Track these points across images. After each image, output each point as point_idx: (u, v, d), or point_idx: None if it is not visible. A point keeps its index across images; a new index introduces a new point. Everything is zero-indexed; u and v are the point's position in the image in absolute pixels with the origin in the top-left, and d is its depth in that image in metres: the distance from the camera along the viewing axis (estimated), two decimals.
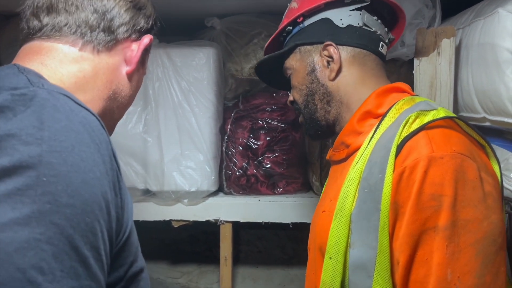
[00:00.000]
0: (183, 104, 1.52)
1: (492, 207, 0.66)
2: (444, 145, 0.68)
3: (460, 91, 1.20)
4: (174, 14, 1.63)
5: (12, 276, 0.35)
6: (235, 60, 1.62)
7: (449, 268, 0.63)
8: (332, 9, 0.89)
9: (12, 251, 0.36)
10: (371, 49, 0.88)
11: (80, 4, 0.64)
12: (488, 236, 0.64)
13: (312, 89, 0.91)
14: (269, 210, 1.60)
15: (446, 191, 0.64)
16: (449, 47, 1.16)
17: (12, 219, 0.36)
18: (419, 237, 0.65)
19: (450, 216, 0.64)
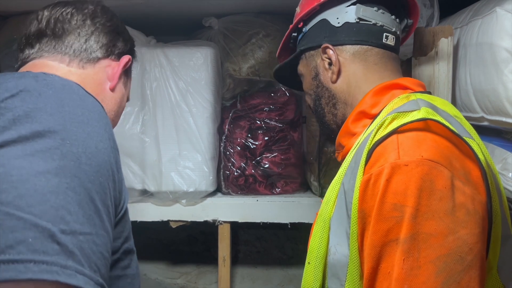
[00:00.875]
0: (181, 104, 1.52)
1: (462, 220, 0.59)
2: (412, 151, 0.62)
3: (458, 90, 1.20)
4: (172, 14, 1.63)
5: (48, 211, 0.44)
6: (233, 60, 1.62)
7: (405, 284, 0.58)
8: (328, 9, 0.87)
9: (47, 192, 0.44)
10: (372, 43, 0.84)
11: (67, 29, 0.75)
12: (453, 253, 0.58)
13: (318, 93, 0.90)
14: (267, 210, 1.60)
15: (408, 201, 0.59)
16: (447, 47, 1.16)
17: (46, 169, 0.46)
18: (381, 249, 0.61)
19: (411, 228, 0.59)
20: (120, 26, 0.85)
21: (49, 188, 0.45)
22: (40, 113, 0.50)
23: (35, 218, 0.43)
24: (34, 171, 0.45)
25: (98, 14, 0.80)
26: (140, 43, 1.52)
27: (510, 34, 0.93)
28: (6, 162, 0.45)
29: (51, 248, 0.42)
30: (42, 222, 0.43)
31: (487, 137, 1.18)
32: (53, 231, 0.43)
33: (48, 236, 0.43)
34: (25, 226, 0.42)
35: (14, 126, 0.47)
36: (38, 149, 0.47)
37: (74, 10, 0.77)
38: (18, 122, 0.48)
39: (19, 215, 0.42)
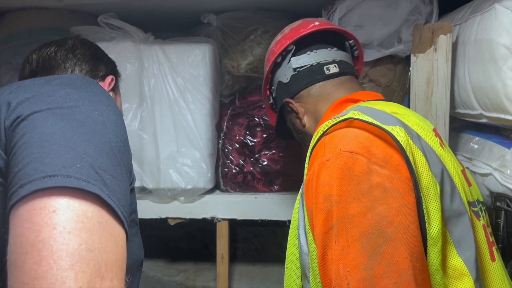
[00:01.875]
0: (179, 101, 1.51)
1: (378, 198, 0.65)
2: (332, 147, 0.71)
3: (457, 87, 1.19)
4: (170, 10, 1.62)
5: (88, 151, 0.54)
6: (231, 57, 1.61)
7: (340, 263, 0.64)
8: (276, 72, 1.04)
9: (86, 140, 0.56)
10: (317, 80, 0.98)
11: (53, 65, 0.88)
12: (373, 228, 0.63)
13: (301, 139, 1.05)
14: (265, 207, 1.60)
15: (332, 190, 0.67)
16: (445, 43, 1.15)
17: (82, 125, 0.57)
18: (324, 238, 0.67)
19: (337, 213, 0.66)
20: (99, 52, 0.97)
21: (87, 137, 0.56)
22: (75, 95, 0.62)
23: (80, 153, 0.54)
24: (75, 126, 0.56)
25: (78, 46, 0.92)
26: (138, 39, 1.51)
27: (509, 31, 0.93)
28: (56, 118, 0.56)
29: (93, 175, 0.53)
30: (85, 157, 0.54)
31: (485, 134, 1.18)
32: (93, 164, 0.54)
33: (90, 166, 0.53)
34: (74, 156, 0.53)
35: (60, 99, 0.60)
36: (77, 114, 0.58)
37: (56, 48, 0.90)
38: (61, 99, 0.60)
39: (71, 147, 0.54)
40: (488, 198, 1.11)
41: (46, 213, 0.48)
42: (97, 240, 0.50)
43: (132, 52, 1.50)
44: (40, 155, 0.52)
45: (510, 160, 1.01)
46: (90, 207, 0.51)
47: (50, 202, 0.49)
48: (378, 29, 1.38)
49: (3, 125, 0.56)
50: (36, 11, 1.58)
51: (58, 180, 0.50)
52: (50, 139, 0.54)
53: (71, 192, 0.50)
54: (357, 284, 0.61)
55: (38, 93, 0.60)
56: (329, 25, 1.04)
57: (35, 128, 0.55)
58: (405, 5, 1.36)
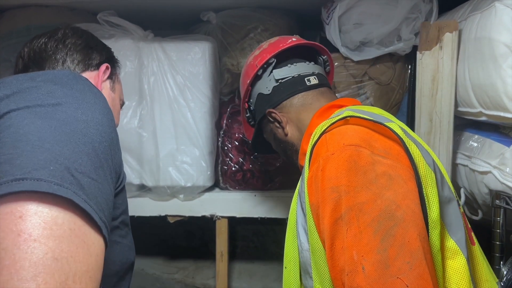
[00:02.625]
0: (179, 99, 1.51)
1: (385, 185, 0.69)
2: (335, 143, 0.75)
3: (457, 86, 1.20)
4: (170, 8, 1.62)
5: (65, 152, 0.52)
6: (231, 55, 1.61)
7: (354, 250, 0.66)
8: (256, 84, 1.09)
9: (65, 140, 0.53)
10: (299, 90, 1.02)
11: (44, 57, 0.84)
12: (383, 213, 0.67)
13: (282, 148, 1.08)
14: (265, 205, 1.60)
15: (340, 181, 0.70)
16: (451, 41, 1.15)
17: (63, 125, 0.55)
18: (332, 229, 0.69)
19: (347, 202, 0.68)
20: (92, 40, 0.92)
21: (66, 137, 0.53)
22: (59, 92, 0.60)
23: (56, 155, 0.51)
24: (54, 125, 0.54)
25: (68, 36, 0.88)
26: (137, 37, 1.51)
27: (509, 29, 0.93)
28: (33, 116, 0.54)
29: (67, 178, 0.50)
30: (60, 158, 0.51)
31: (485, 132, 1.18)
32: (69, 166, 0.51)
33: (65, 168, 0.51)
34: (48, 157, 0.50)
35: (41, 97, 0.57)
36: (58, 112, 0.56)
37: (47, 39, 0.86)
38: (42, 96, 0.58)
39: (46, 148, 0.51)
40: (487, 196, 1.11)
41: (12, 219, 0.45)
42: (66, 248, 0.47)
43: (132, 50, 1.49)
44: (12, 156, 0.49)
45: (510, 158, 1.01)
46: (61, 213, 0.48)
47: (17, 207, 0.46)
48: (378, 27, 1.38)
49: None
50: (35, 9, 1.58)
51: (27, 183, 0.47)
52: (24, 139, 0.51)
53: (41, 197, 0.47)
54: (372, 267, 0.64)
55: (19, 90, 0.58)
56: (305, 41, 1.10)
57: (10, 127, 0.52)
58: (405, 3, 1.36)
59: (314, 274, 0.76)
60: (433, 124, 1.23)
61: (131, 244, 0.80)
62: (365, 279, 0.63)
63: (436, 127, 1.23)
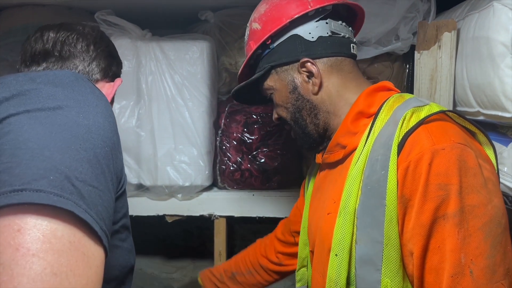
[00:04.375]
0: (177, 98, 1.51)
1: (493, 191, 0.69)
2: (443, 137, 0.71)
3: (455, 85, 1.20)
4: (167, 7, 1.62)
5: (65, 160, 0.51)
6: (229, 54, 1.61)
7: (462, 252, 0.65)
8: (298, 25, 0.92)
9: (65, 147, 0.52)
10: (345, 54, 0.92)
11: (73, 52, 0.82)
12: (494, 219, 0.67)
13: (298, 106, 0.94)
14: (263, 204, 1.60)
15: (451, 180, 0.67)
16: (450, 41, 1.15)
17: (63, 131, 0.54)
18: (430, 227, 0.68)
19: (458, 203, 0.66)
20: (114, 50, 0.94)
21: (67, 144, 0.52)
22: (60, 95, 0.58)
23: (56, 163, 0.50)
24: (54, 131, 0.53)
25: (98, 41, 0.88)
26: (135, 36, 1.51)
27: (507, 29, 0.93)
28: (33, 122, 0.53)
29: (67, 188, 0.49)
30: (61, 167, 0.50)
31: None
32: (69, 175, 0.50)
33: (65, 178, 0.49)
34: (48, 166, 0.49)
35: (41, 100, 0.56)
36: (58, 116, 0.55)
37: (78, 35, 0.85)
38: (43, 99, 0.56)
39: (46, 156, 0.50)
40: None
41: (10, 232, 0.44)
42: (65, 262, 0.46)
43: (129, 49, 1.49)
44: (10, 165, 0.48)
45: (507, 157, 1.02)
46: (61, 226, 0.47)
47: (15, 220, 0.45)
48: (376, 26, 1.38)
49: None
50: (33, 8, 1.57)
51: (26, 195, 0.46)
52: (23, 147, 0.49)
53: (40, 209, 0.46)
54: (481, 272, 0.65)
55: (18, 92, 0.56)
56: (360, 6, 0.99)
57: (9, 134, 0.51)
58: (403, 3, 1.36)
59: (385, 268, 0.73)
60: None
61: (131, 247, 0.79)
62: (473, 283, 0.64)
63: None
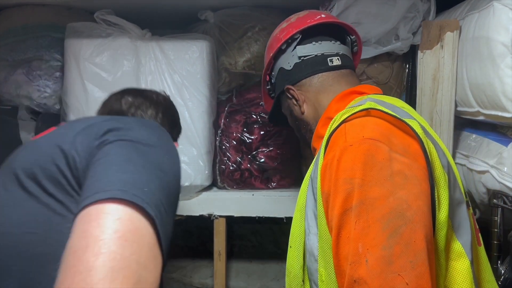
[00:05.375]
0: (176, 98, 1.51)
1: (399, 184, 0.69)
2: (355, 134, 0.75)
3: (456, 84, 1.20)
4: (167, 6, 1.62)
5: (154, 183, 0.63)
6: (228, 54, 1.61)
7: (359, 242, 0.67)
8: (279, 59, 1.07)
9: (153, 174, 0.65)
10: (320, 70, 1.00)
11: (143, 117, 0.99)
12: (394, 211, 0.67)
13: (297, 126, 1.08)
14: (263, 204, 1.60)
15: (355, 173, 0.70)
16: (452, 40, 1.15)
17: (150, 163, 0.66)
18: (340, 219, 0.71)
19: (359, 195, 0.69)
20: (178, 119, 1.12)
21: (155, 172, 0.65)
22: (153, 138, 0.72)
23: (149, 181, 0.62)
24: (149, 160, 0.66)
25: (167, 109, 1.05)
26: (135, 36, 1.51)
27: (507, 28, 0.93)
28: (134, 149, 0.66)
29: (154, 202, 0.60)
30: (151, 185, 0.62)
31: (483, 132, 1.18)
32: (156, 194, 0.61)
33: (153, 194, 0.61)
34: (144, 181, 0.61)
35: (142, 137, 0.70)
36: (151, 153, 0.68)
37: (151, 103, 1.01)
38: (141, 135, 0.70)
39: (143, 173, 0.63)
40: (484, 195, 1.11)
41: (112, 218, 0.55)
42: (144, 256, 0.55)
43: (129, 48, 1.49)
44: (118, 172, 0.61)
45: (507, 157, 1.01)
46: (146, 227, 0.58)
47: (117, 210, 0.56)
48: (376, 26, 1.38)
49: (92, 144, 0.66)
50: (32, 8, 1.57)
51: (128, 195, 0.57)
52: (128, 163, 0.63)
53: (134, 208, 0.57)
54: (376, 262, 0.65)
55: (127, 127, 0.70)
56: (334, 18, 1.06)
57: (118, 152, 0.65)
58: (403, 3, 1.36)
59: (320, 258, 0.78)
60: (433, 123, 1.23)
61: None
62: (367, 272, 0.65)
63: (437, 126, 1.23)
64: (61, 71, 1.54)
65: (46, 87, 1.54)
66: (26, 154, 0.73)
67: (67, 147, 0.67)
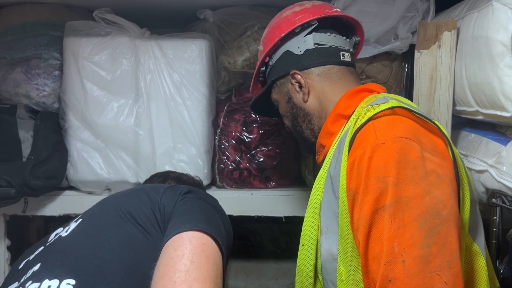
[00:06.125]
0: (175, 97, 1.51)
1: (434, 183, 0.70)
2: (386, 132, 0.74)
3: (454, 84, 1.20)
4: (166, 5, 1.62)
5: (215, 221, 0.84)
6: (228, 53, 1.61)
7: (395, 241, 0.67)
8: (288, 41, 1.03)
9: (216, 214, 0.88)
10: (332, 62, 0.99)
11: None
12: (431, 210, 0.68)
13: (294, 114, 1.05)
14: (262, 204, 1.60)
15: (389, 172, 0.70)
16: (450, 40, 1.15)
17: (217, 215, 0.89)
18: (371, 217, 0.70)
19: (394, 194, 0.69)
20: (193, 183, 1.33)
21: (219, 218, 0.86)
22: (210, 198, 0.95)
23: (217, 223, 0.83)
24: (212, 208, 0.89)
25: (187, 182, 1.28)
26: (134, 35, 1.51)
27: (506, 28, 0.93)
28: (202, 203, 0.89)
29: (222, 237, 0.79)
30: (220, 226, 0.83)
31: (481, 131, 1.18)
32: (222, 233, 0.81)
33: (221, 233, 0.80)
34: (214, 222, 0.82)
35: (203, 197, 0.93)
36: (212, 207, 0.90)
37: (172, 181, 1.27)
38: (203, 196, 0.93)
39: (214, 217, 0.84)
40: (483, 194, 1.11)
41: (199, 243, 0.74)
42: (219, 275, 0.73)
43: (128, 47, 1.49)
44: (196, 214, 0.81)
45: (506, 157, 1.02)
46: (218, 255, 0.76)
47: (203, 237, 0.75)
48: (375, 25, 1.38)
49: (176, 198, 0.87)
50: (31, 6, 1.57)
51: (209, 229, 0.77)
52: (204, 209, 0.85)
53: (213, 239, 0.76)
54: (413, 261, 0.65)
55: (197, 191, 0.93)
56: (350, 15, 1.07)
57: (194, 203, 0.86)
58: (402, 2, 1.36)
59: (340, 257, 0.78)
60: None
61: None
62: (404, 271, 0.65)
63: None
64: (60, 70, 1.54)
65: (45, 86, 1.53)
66: (128, 199, 0.91)
67: (157, 199, 0.87)
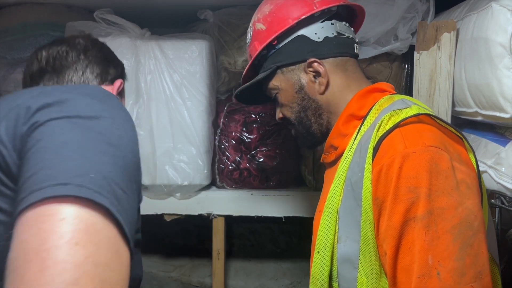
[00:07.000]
0: (176, 97, 1.51)
1: (465, 193, 0.69)
2: (416, 140, 0.72)
3: (453, 85, 1.20)
4: (167, 6, 1.62)
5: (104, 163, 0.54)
6: (228, 53, 1.61)
7: (429, 254, 0.66)
8: (304, 26, 0.93)
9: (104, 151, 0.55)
10: (349, 54, 0.94)
11: (65, 65, 0.85)
12: (464, 221, 0.67)
13: (304, 105, 0.95)
14: (261, 204, 1.60)
15: (421, 182, 0.68)
16: (449, 41, 1.16)
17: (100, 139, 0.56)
18: (401, 228, 0.69)
19: (427, 205, 0.67)
20: (109, 54, 0.94)
21: (103, 149, 0.55)
22: (96, 106, 0.60)
23: (95, 164, 0.52)
24: (92, 137, 0.55)
25: (89, 47, 0.89)
26: (134, 35, 1.51)
27: (505, 29, 0.93)
28: (73, 126, 0.56)
29: (105, 187, 0.51)
30: (99, 167, 0.52)
31: (481, 132, 1.19)
32: (106, 176, 0.52)
33: (103, 178, 0.51)
34: (88, 165, 0.51)
35: (80, 109, 0.58)
36: (95, 125, 0.57)
37: (68, 47, 0.87)
38: (81, 108, 0.58)
39: (86, 156, 0.52)
40: None
41: (54, 221, 0.46)
42: (104, 255, 0.47)
43: (129, 48, 1.49)
44: (54, 161, 0.51)
45: (505, 157, 1.02)
46: (100, 220, 0.49)
47: (59, 209, 0.47)
48: (375, 26, 1.38)
49: (20, 130, 0.54)
50: (31, 6, 1.57)
51: (70, 188, 0.48)
52: (65, 147, 0.52)
53: (82, 202, 0.48)
54: (449, 274, 0.65)
55: (59, 100, 0.58)
56: (362, 8, 1.02)
57: (51, 135, 0.54)
58: (402, 3, 1.36)
59: (361, 266, 0.75)
60: None
61: (140, 260, 0.83)
62: (440, 285, 0.65)
63: None
64: None
65: None
66: None
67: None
